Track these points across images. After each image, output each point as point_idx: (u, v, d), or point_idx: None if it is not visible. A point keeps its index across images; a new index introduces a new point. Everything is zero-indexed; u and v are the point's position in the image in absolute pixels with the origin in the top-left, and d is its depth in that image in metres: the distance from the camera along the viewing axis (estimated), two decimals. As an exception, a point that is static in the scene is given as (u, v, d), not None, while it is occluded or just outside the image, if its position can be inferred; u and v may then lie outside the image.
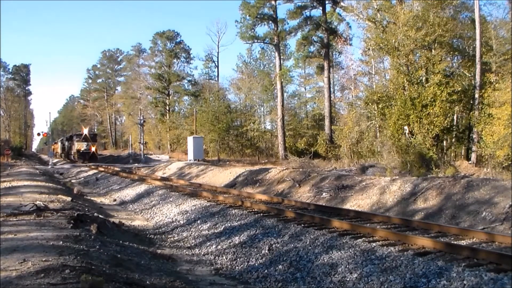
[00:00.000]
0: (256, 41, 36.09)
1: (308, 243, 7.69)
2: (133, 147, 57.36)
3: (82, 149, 43.07)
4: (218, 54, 53.20)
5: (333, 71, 41.08)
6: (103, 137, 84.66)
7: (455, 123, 23.08)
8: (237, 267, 7.66)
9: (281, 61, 37.20)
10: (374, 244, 7.14)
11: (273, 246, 8.03)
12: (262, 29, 66.11)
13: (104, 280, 4.61)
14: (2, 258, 5.42)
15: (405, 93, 21.10)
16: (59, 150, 61.63)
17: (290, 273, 6.91)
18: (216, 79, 53.68)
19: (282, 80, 35.72)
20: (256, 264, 7.56)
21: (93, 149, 43.62)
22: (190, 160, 32.50)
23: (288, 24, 34.72)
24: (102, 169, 30.05)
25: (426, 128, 19.45)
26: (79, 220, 8.62)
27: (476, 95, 20.71)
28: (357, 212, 10.66)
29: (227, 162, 32.69)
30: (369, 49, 28.99)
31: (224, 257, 8.23)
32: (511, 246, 6.83)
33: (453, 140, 23.18)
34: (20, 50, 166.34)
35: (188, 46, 58.90)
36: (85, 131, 45.59)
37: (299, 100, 53.14)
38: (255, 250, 8.12)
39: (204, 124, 40.87)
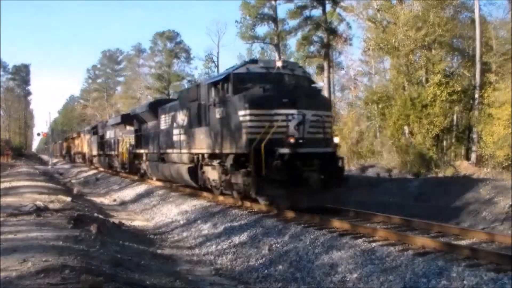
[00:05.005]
0: (256, 41, 36.09)
1: (308, 243, 7.68)
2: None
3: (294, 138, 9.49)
4: (218, 54, 53.21)
5: (333, 71, 40.99)
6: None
7: (455, 123, 23.09)
8: (237, 267, 7.66)
9: (281, 61, 37.12)
10: (374, 244, 7.13)
11: (273, 246, 8.02)
12: (262, 29, 66.09)
13: (104, 280, 4.61)
14: (2, 258, 5.42)
15: (405, 93, 21.11)
16: (86, 149, 35.54)
17: (290, 273, 6.91)
18: (216, 79, 53.63)
19: (282, 80, 35.65)
20: (256, 264, 7.56)
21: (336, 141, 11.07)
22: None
23: (288, 24, 34.72)
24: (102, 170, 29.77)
25: (426, 128, 19.46)
26: (79, 220, 8.62)
27: (476, 95, 20.70)
28: (357, 212, 10.62)
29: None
30: (369, 49, 28.98)
31: (224, 257, 8.23)
32: (511, 246, 6.82)
33: (453, 140, 23.19)
34: (20, 50, 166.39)
35: (188, 46, 58.97)
36: (279, 63, 10.90)
37: (299, 100, 53.05)
38: (255, 250, 8.12)
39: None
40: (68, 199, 13.01)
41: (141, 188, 18.03)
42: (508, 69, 19.91)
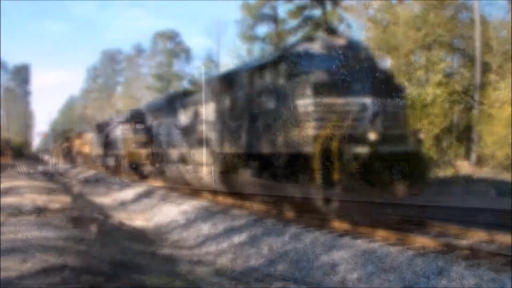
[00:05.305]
0: (256, 41, 36.10)
1: (308, 243, 7.68)
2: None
3: None
4: (218, 54, 53.20)
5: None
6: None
7: (455, 123, 23.08)
8: (237, 267, 7.66)
9: (281, 61, 37.14)
10: (374, 244, 7.13)
11: (273, 246, 8.02)
12: (262, 29, 66.10)
13: (104, 280, 4.62)
14: (2, 258, 5.42)
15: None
16: (88, 149, 33.76)
17: (290, 273, 6.91)
18: (216, 79, 53.61)
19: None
20: (256, 264, 7.56)
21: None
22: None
23: (288, 24, 34.75)
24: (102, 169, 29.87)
25: (426, 128, 19.47)
26: (79, 220, 8.63)
27: (476, 95, 20.71)
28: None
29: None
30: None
31: (224, 257, 8.22)
32: (511, 246, 6.82)
33: (453, 140, 23.18)
34: (20, 50, 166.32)
35: (188, 46, 59.01)
36: (342, 41, 9.64)
37: (299, 100, 53.04)
38: (255, 250, 8.12)
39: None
40: (68, 199, 13.02)
41: (141, 188, 18.02)
42: (508, 69, 19.92)
